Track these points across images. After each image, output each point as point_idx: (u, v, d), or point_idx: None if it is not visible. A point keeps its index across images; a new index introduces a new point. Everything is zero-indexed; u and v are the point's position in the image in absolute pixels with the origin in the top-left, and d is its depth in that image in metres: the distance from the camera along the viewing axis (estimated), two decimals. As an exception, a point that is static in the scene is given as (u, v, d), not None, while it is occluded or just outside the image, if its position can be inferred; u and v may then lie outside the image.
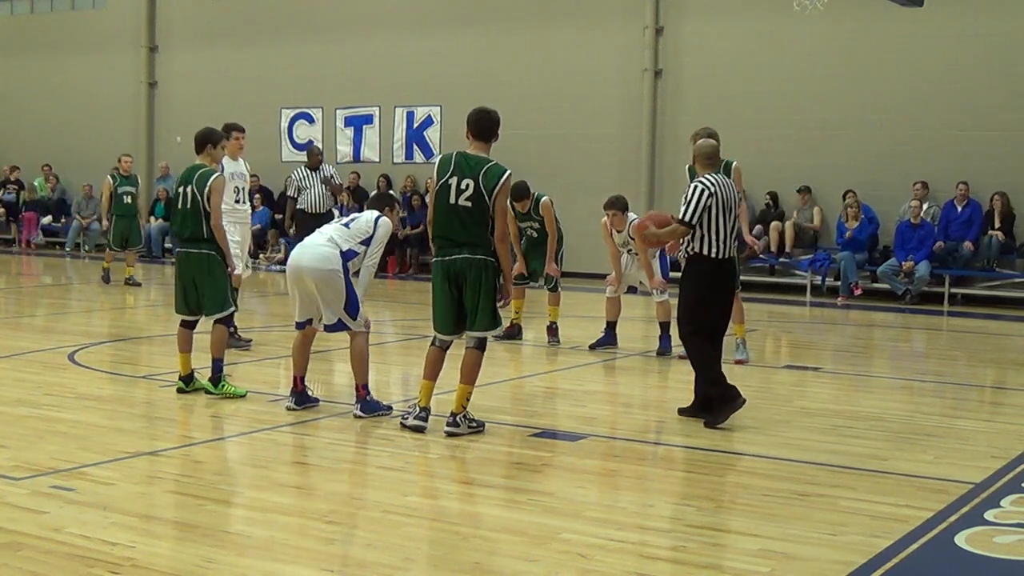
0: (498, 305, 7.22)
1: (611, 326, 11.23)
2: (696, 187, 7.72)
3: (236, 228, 10.48)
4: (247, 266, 10.73)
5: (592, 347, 11.15)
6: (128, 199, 16.89)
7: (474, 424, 7.26)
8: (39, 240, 24.88)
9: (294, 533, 5.25)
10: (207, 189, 8.23)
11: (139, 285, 16.82)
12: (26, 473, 6.09)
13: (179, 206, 8.39)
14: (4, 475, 6.04)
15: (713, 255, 7.72)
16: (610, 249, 11.14)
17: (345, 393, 8.47)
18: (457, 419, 7.20)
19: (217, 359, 8.14)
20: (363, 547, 5.15)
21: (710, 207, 7.65)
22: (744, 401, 7.67)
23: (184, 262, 8.34)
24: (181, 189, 8.39)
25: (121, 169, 17.06)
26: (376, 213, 7.84)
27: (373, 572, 4.73)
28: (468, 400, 7.23)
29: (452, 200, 7.12)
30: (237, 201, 10.62)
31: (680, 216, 7.69)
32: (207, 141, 8.57)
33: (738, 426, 8.25)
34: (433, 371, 7.30)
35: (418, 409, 7.31)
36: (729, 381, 7.81)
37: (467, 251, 7.07)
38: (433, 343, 7.34)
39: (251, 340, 10.85)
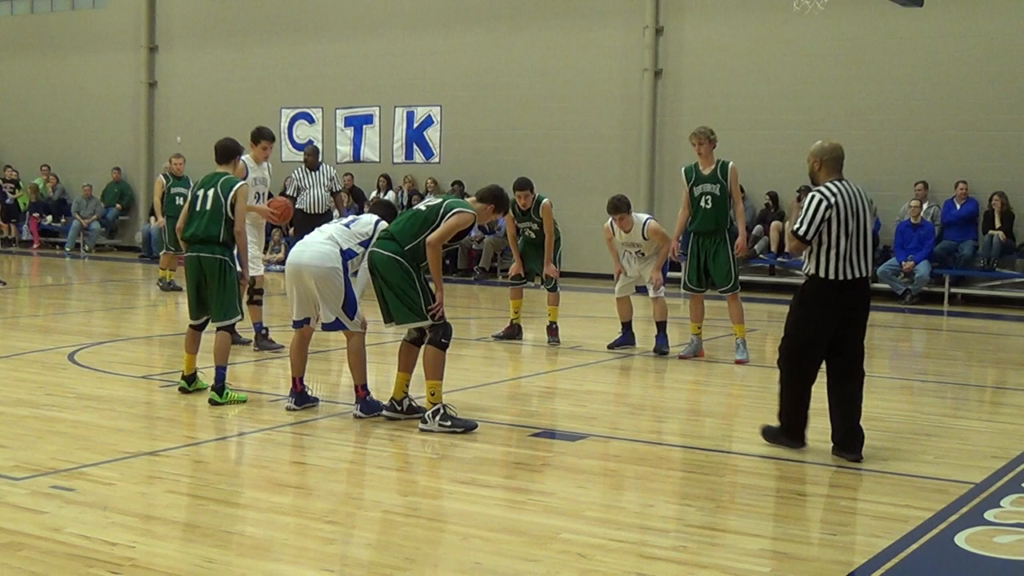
0: (428, 309, 7.31)
1: (626, 326, 11.21)
2: (813, 197, 6.67)
3: (252, 230, 10.44)
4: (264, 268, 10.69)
5: (610, 347, 11.16)
6: (180, 200, 16.26)
7: (447, 424, 7.27)
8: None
9: (294, 533, 5.25)
10: (232, 194, 8.15)
11: (180, 290, 16.00)
12: (26, 473, 6.09)
13: (197, 208, 8.25)
14: (4, 475, 6.04)
15: (829, 277, 6.66)
16: (612, 252, 11.22)
17: (345, 393, 8.47)
18: (425, 416, 7.32)
19: (220, 367, 8.09)
20: (363, 547, 5.16)
21: (829, 220, 6.60)
22: (800, 447, 6.93)
23: (194, 266, 8.21)
24: (201, 192, 8.25)
25: (172, 170, 16.84)
26: (376, 217, 7.87)
27: (373, 572, 4.73)
28: (434, 395, 7.31)
29: (416, 205, 7.70)
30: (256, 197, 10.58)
31: (794, 227, 6.70)
32: (236, 153, 8.62)
33: (738, 426, 8.26)
34: (404, 364, 7.60)
35: (389, 401, 7.64)
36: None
37: (381, 244, 7.44)
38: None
39: (251, 341, 10.83)
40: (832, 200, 6.61)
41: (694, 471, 6.73)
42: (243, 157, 10.05)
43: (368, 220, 7.83)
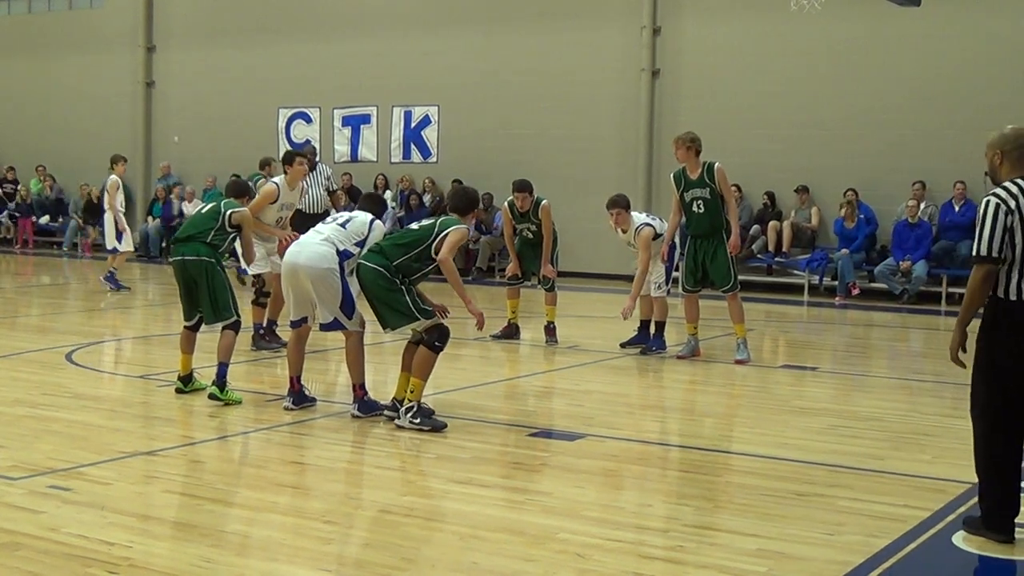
0: (432, 316, 7.44)
1: (659, 327, 11.04)
2: (988, 202, 5.23)
3: (262, 242, 10.42)
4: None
5: (623, 345, 11.14)
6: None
7: (416, 422, 7.31)
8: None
9: (292, 533, 5.25)
10: (236, 216, 8.32)
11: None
12: (23, 473, 6.09)
13: (194, 213, 8.48)
14: (1, 475, 6.03)
15: (1011, 297, 5.21)
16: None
17: (342, 392, 8.47)
18: (400, 412, 7.39)
19: (223, 363, 8.08)
20: (361, 547, 5.15)
21: (1011, 228, 5.18)
22: (1005, 540, 5.23)
23: (179, 269, 8.25)
24: (204, 204, 8.53)
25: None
26: (371, 216, 7.89)
27: (371, 572, 4.72)
28: (413, 393, 7.36)
29: (409, 225, 7.88)
30: (278, 221, 10.51)
31: (974, 252, 5.26)
32: (243, 193, 8.84)
33: (736, 426, 8.27)
34: (407, 364, 7.61)
35: (391, 401, 7.66)
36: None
37: (368, 257, 7.51)
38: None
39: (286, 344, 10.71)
40: (1012, 204, 5.19)
41: (692, 471, 6.73)
42: (277, 180, 10.14)
43: (363, 220, 7.83)
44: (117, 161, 16.31)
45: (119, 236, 16.19)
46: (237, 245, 8.85)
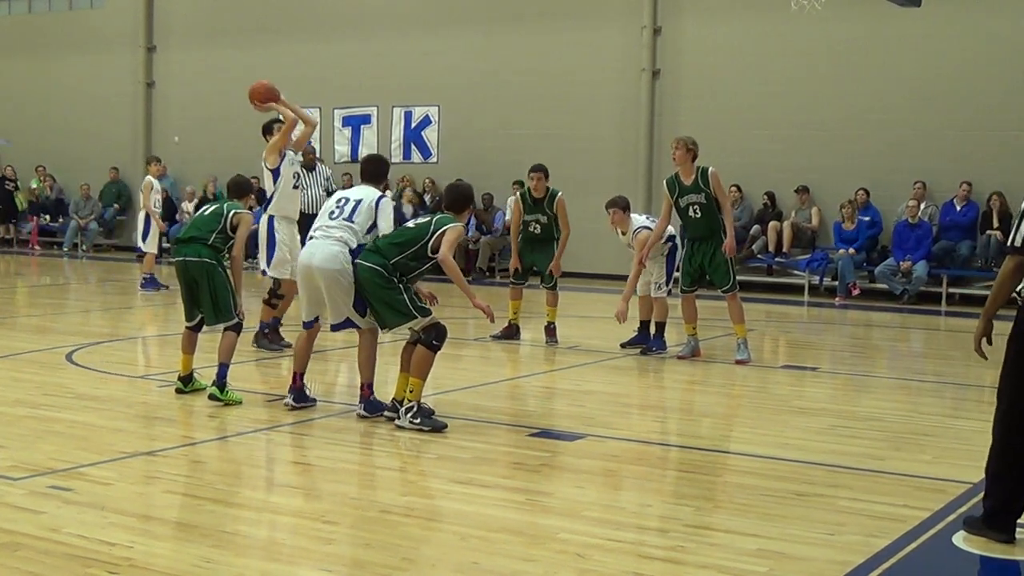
0: (429, 314, 7.45)
1: (659, 327, 11.04)
2: None
3: (286, 227, 10.35)
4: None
5: (623, 345, 11.17)
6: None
7: (416, 422, 7.31)
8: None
9: (292, 533, 5.25)
10: (235, 216, 8.31)
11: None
12: (24, 473, 6.09)
13: (196, 215, 8.53)
14: (2, 475, 6.03)
15: None
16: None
17: (342, 393, 8.48)
18: (400, 412, 7.40)
19: (223, 364, 8.08)
20: (362, 547, 5.15)
21: None
22: (1007, 541, 5.19)
23: (181, 270, 8.26)
24: (206, 206, 8.57)
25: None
26: (375, 196, 7.84)
27: (371, 572, 4.73)
28: (412, 393, 7.37)
29: (405, 224, 7.91)
30: (295, 187, 10.45)
31: (1008, 240, 5.23)
32: (246, 191, 8.79)
33: (736, 426, 8.27)
34: (405, 364, 7.61)
35: (391, 401, 7.66)
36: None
37: (365, 256, 7.51)
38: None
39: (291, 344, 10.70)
40: None
41: (692, 471, 6.73)
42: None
43: (369, 204, 7.75)
44: (151, 162, 16.63)
45: (145, 235, 16.26)
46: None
